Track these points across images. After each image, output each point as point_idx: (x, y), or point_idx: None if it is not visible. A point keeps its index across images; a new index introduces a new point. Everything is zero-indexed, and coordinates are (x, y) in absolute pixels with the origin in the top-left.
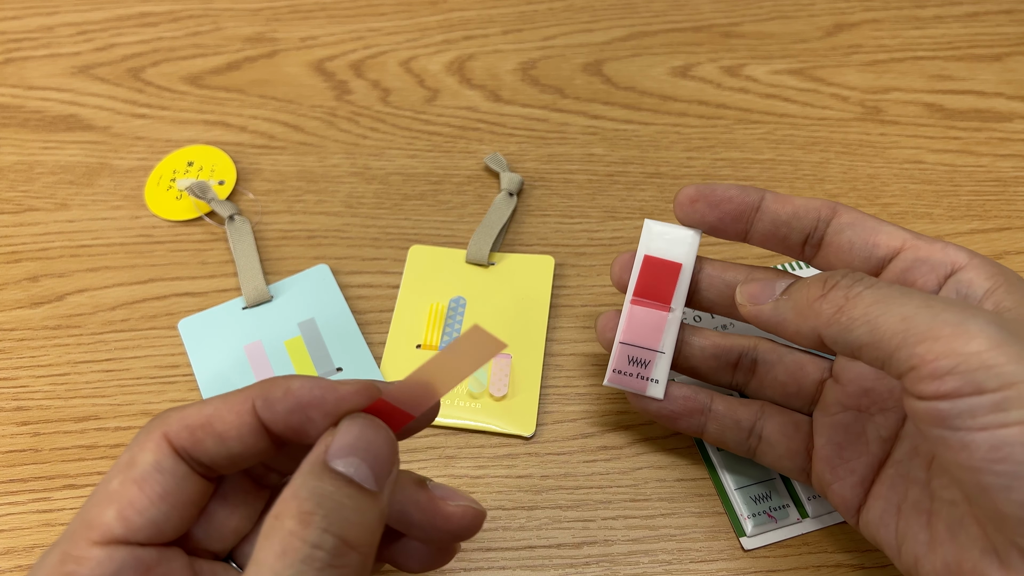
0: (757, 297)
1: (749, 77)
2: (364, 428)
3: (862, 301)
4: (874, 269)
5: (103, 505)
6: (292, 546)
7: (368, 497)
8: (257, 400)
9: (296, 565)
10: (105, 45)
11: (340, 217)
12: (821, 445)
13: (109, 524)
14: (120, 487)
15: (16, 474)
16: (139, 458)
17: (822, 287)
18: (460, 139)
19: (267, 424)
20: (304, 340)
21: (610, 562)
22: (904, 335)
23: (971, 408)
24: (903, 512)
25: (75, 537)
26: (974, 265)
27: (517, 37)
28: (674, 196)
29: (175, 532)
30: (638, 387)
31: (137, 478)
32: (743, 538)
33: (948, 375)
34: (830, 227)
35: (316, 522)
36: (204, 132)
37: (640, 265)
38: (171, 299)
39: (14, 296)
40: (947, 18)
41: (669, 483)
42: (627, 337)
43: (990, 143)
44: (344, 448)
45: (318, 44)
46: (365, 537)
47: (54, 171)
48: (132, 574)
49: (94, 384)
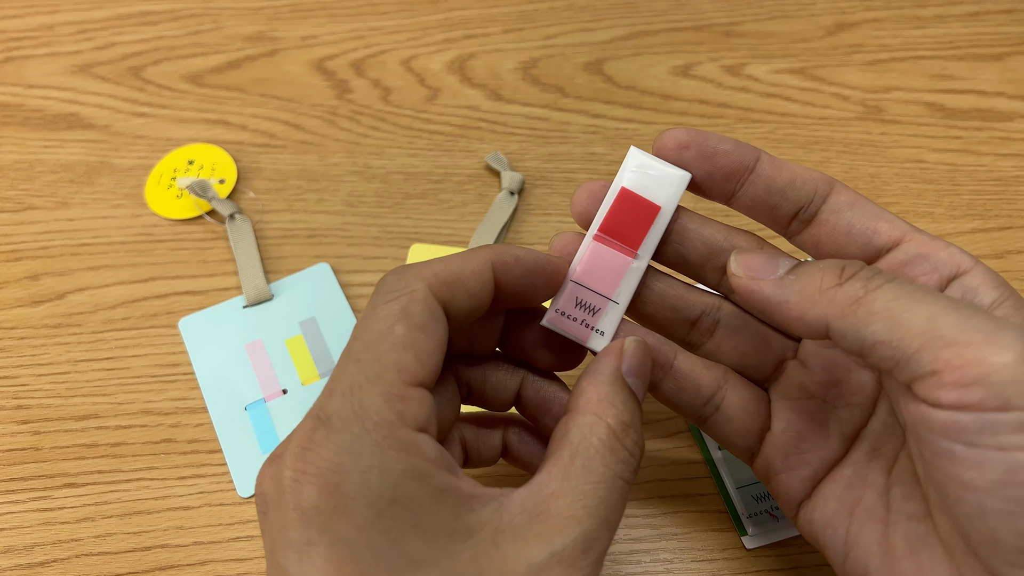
0: (757, 270)
1: (750, 76)
2: (646, 354)
3: (883, 294)
4: (871, 257)
5: (400, 350)
6: (615, 447)
7: (641, 410)
8: (496, 263)
9: (619, 464)
10: (105, 44)
11: (341, 216)
12: (779, 430)
13: (414, 367)
14: (407, 334)
15: (17, 472)
16: (413, 307)
17: (839, 275)
18: (461, 138)
19: (500, 285)
20: (305, 339)
21: (611, 561)
22: (929, 336)
23: (994, 424)
24: (856, 517)
25: (387, 378)
26: (980, 272)
27: (518, 36)
28: (656, 138)
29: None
30: (579, 335)
31: (419, 325)
32: (744, 537)
33: (975, 385)
34: (826, 204)
35: (631, 435)
36: (205, 131)
37: (614, 198)
38: (172, 298)
39: (14, 295)
40: (948, 17)
41: (670, 482)
42: (581, 276)
43: (991, 143)
44: (634, 368)
45: (319, 43)
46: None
47: (55, 170)
48: (432, 419)
49: (94, 383)
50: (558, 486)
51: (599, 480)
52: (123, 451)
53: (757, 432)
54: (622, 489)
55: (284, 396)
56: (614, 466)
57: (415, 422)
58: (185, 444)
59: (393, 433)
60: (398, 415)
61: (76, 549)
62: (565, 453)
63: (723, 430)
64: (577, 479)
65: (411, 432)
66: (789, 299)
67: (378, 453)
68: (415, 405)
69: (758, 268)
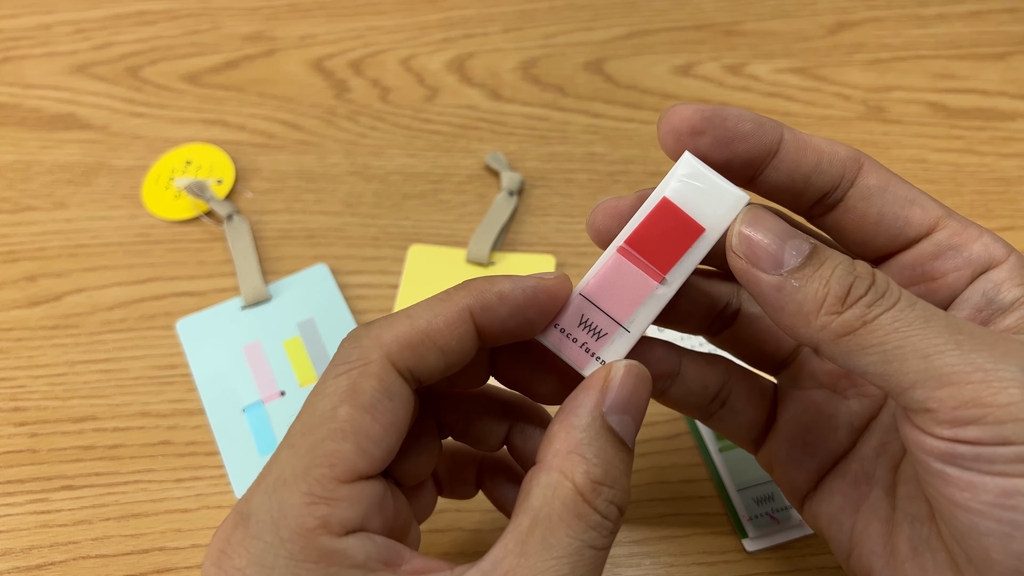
0: (759, 259)
1: (751, 76)
2: (639, 382)
3: (879, 328)
4: (899, 249)
5: (338, 439)
6: (584, 512)
7: (630, 457)
8: (474, 308)
9: (588, 531)
10: (103, 43)
11: (339, 216)
12: (785, 421)
13: (351, 460)
14: (351, 417)
15: (14, 475)
16: (363, 384)
17: (843, 299)
18: (460, 138)
19: (482, 330)
20: (303, 340)
21: (612, 564)
22: (924, 374)
23: (991, 455)
24: (861, 515)
25: (314, 475)
26: (1010, 265)
27: (518, 35)
28: (662, 117)
29: (392, 458)
30: (577, 360)
31: (367, 406)
32: (745, 540)
33: (972, 424)
34: (854, 188)
35: (604, 493)
36: (202, 131)
37: (652, 208)
38: (169, 299)
39: (12, 296)
40: (950, 17)
41: (671, 484)
42: (593, 292)
43: (993, 142)
44: (621, 404)
45: (317, 42)
46: (628, 501)
47: (52, 170)
48: (375, 512)
49: (92, 384)
50: (513, 564)
51: (561, 555)
52: (121, 453)
53: (763, 424)
54: (593, 559)
55: (282, 398)
56: (581, 535)
57: (342, 526)
58: (183, 446)
59: (311, 543)
60: (320, 521)
61: (73, 552)
62: (524, 520)
63: (728, 424)
64: (536, 555)
65: (334, 540)
66: (784, 308)
67: (291, 567)
68: (344, 507)
69: (760, 255)
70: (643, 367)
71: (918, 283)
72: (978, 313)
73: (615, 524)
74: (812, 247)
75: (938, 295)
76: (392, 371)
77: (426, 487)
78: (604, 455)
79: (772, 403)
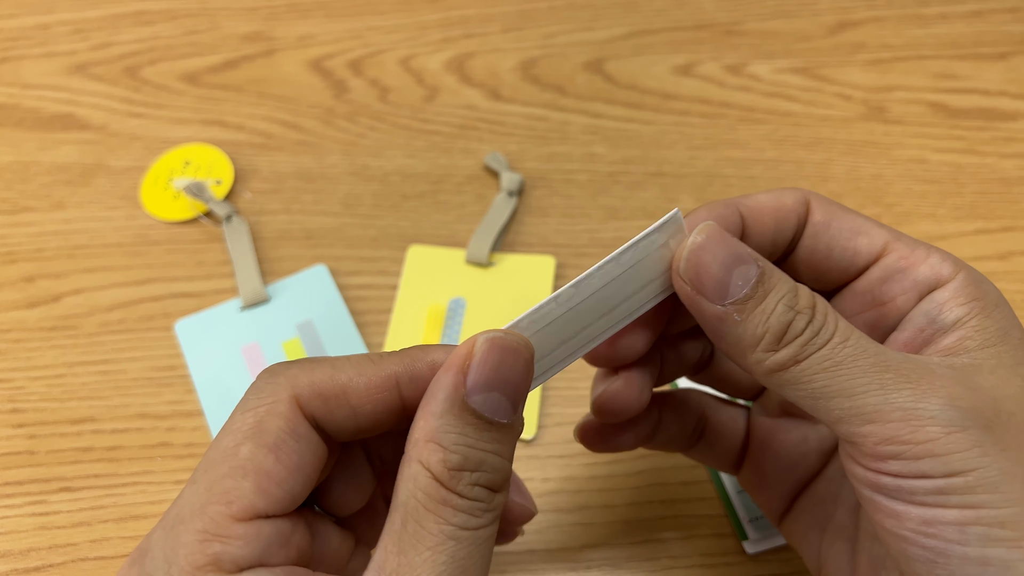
0: (705, 287)
1: (752, 76)
2: (504, 354)
3: (809, 367)
4: (851, 278)
5: (237, 476)
6: (447, 498)
7: (506, 431)
8: (402, 378)
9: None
10: (101, 43)
11: (338, 217)
12: (757, 447)
13: (249, 498)
14: (253, 455)
15: (12, 477)
16: (269, 423)
17: (779, 338)
18: (459, 138)
19: (408, 400)
20: (302, 342)
21: (612, 565)
22: (848, 412)
23: (911, 487)
24: (827, 534)
25: (210, 512)
26: (956, 285)
27: (517, 35)
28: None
29: (303, 499)
30: None
31: (271, 445)
32: (745, 542)
33: (892, 460)
34: (805, 231)
35: (466, 478)
36: (201, 131)
37: None
38: (168, 300)
39: (10, 297)
40: (951, 17)
41: (671, 486)
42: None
43: (994, 142)
44: (484, 383)
45: (316, 42)
46: (508, 473)
47: (50, 171)
48: (277, 549)
49: (90, 386)
50: (395, 564)
51: (434, 545)
52: (119, 455)
53: (739, 450)
54: (472, 540)
55: None
56: (451, 520)
57: (234, 564)
58: (181, 448)
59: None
60: (212, 559)
61: (72, 554)
62: (396, 518)
63: (706, 455)
64: (412, 550)
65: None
66: (724, 339)
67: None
68: (239, 545)
69: (707, 285)
70: (512, 335)
71: (870, 309)
72: (920, 333)
73: (488, 502)
74: (760, 274)
75: (888, 319)
76: (298, 415)
77: (376, 512)
78: (464, 439)
79: (745, 431)
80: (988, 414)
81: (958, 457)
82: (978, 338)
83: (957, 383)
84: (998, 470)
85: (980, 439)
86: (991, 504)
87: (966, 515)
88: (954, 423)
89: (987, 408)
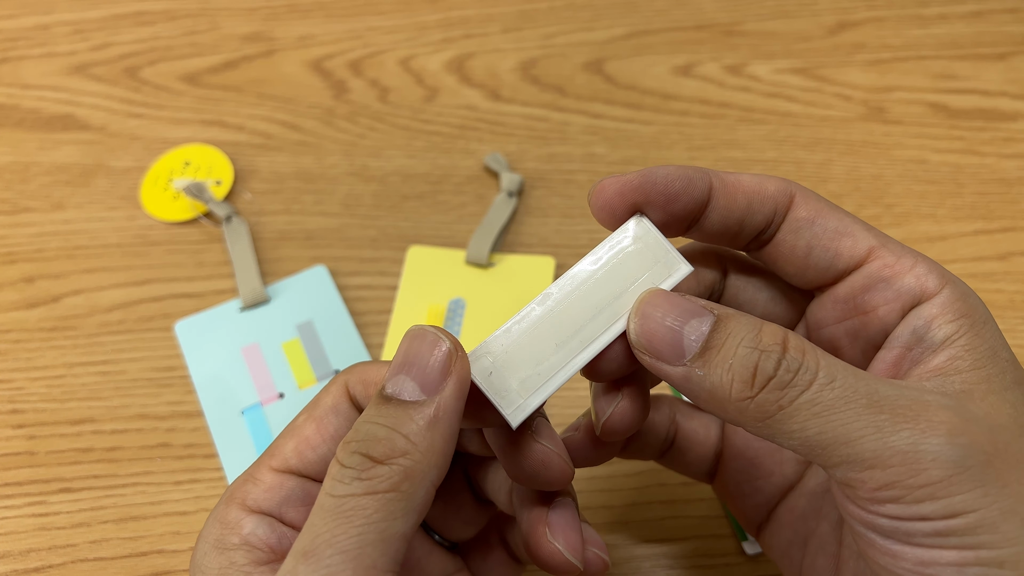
0: (660, 352)
1: (752, 76)
2: (411, 340)
3: (797, 413)
4: (831, 281)
5: (287, 437)
6: (331, 470)
7: (411, 407)
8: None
9: (329, 482)
10: (101, 44)
11: (338, 217)
12: (731, 455)
13: (286, 455)
14: (302, 424)
15: (11, 477)
16: (322, 400)
17: (750, 382)
18: (459, 139)
19: None
20: (302, 342)
21: (611, 565)
22: (845, 457)
23: (909, 529)
24: (810, 549)
25: (260, 462)
26: (942, 300)
27: (517, 36)
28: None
29: None
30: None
31: (317, 417)
32: (745, 543)
33: (891, 503)
34: (785, 222)
35: (350, 447)
36: (201, 132)
37: None
38: (167, 301)
39: (9, 298)
40: (951, 17)
41: (671, 487)
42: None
43: (994, 143)
44: (394, 369)
45: (316, 43)
46: (397, 445)
47: (50, 171)
48: (297, 502)
49: (90, 386)
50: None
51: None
52: (119, 455)
53: (712, 458)
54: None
55: (281, 400)
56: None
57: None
58: (181, 448)
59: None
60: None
61: (71, 555)
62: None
63: (678, 462)
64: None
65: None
66: (699, 396)
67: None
68: (262, 489)
69: (661, 349)
70: (422, 328)
71: (851, 316)
72: (908, 352)
73: (361, 470)
74: (712, 323)
75: (871, 329)
76: (345, 395)
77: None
78: (365, 417)
79: (719, 438)
80: (987, 447)
81: (959, 499)
82: (968, 358)
83: (954, 414)
84: (999, 509)
85: (982, 478)
86: (991, 544)
87: (965, 556)
88: (956, 464)
89: (985, 441)
